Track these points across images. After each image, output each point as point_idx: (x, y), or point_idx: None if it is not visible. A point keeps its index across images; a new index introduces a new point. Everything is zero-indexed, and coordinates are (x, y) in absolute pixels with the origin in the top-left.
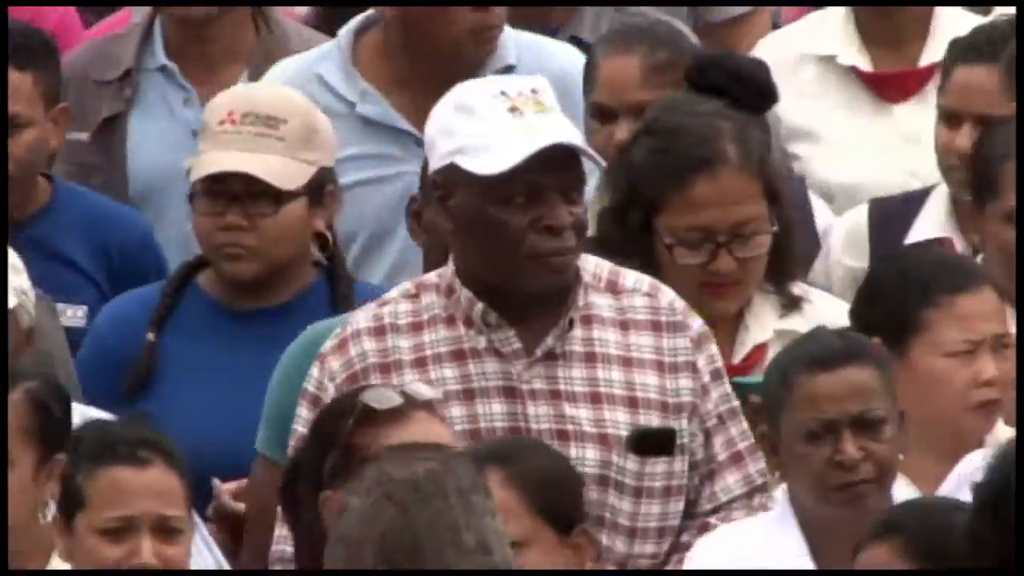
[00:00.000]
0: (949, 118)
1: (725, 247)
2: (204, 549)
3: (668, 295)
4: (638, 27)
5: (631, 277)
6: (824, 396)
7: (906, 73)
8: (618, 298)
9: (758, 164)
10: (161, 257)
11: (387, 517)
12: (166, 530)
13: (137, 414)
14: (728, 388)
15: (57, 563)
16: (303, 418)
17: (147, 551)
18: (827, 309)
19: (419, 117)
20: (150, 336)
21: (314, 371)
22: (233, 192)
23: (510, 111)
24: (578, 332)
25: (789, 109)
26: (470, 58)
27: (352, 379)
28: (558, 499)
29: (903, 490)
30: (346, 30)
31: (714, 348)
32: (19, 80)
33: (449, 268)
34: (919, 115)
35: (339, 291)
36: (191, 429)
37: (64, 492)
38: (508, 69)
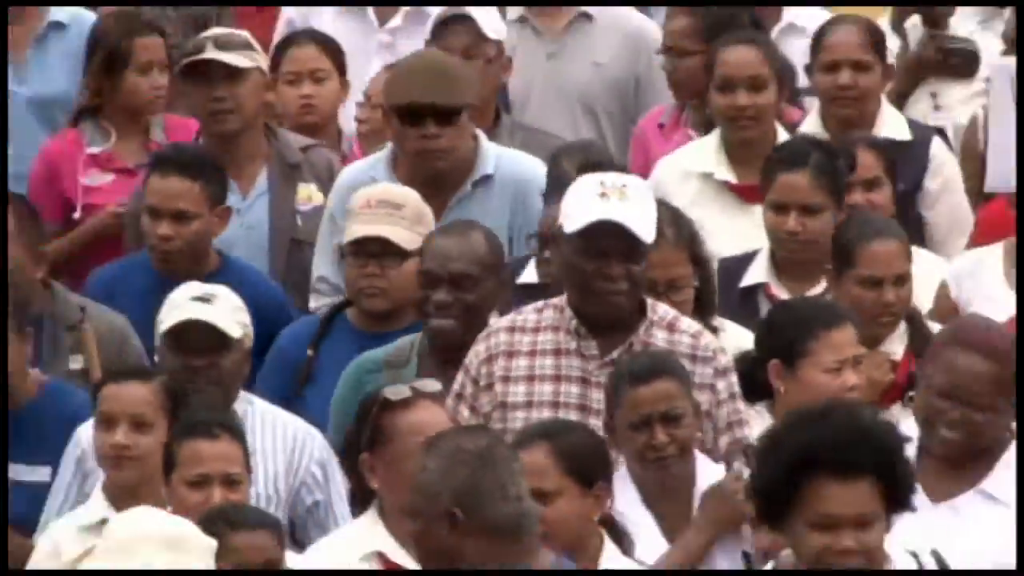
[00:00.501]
0: (777, 208)
1: (664, 295)
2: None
3: (707, 338)
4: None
5: (686, 322)
6: (641, 401)
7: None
8: (671, 334)
9: (688, 239)
10: (290, 317)
11: (460, 475)
12: (230, 482)
13: (214, 402)
14: (740, 405)
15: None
16: (459, 383)
17: (217, 497)
18: (735, 335)
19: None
20: (309, 352)
21: (469, 353)
22: (371, 251)
23: (600, 196)
24: (638, 351)
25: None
26: (443, 173)
27: (488, 360)
28: (584, 464)
29: None
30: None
31: (733, 377)
32: (189, 187)
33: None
34: None
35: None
36: None
37: (164, 456)
38: (486, 178)
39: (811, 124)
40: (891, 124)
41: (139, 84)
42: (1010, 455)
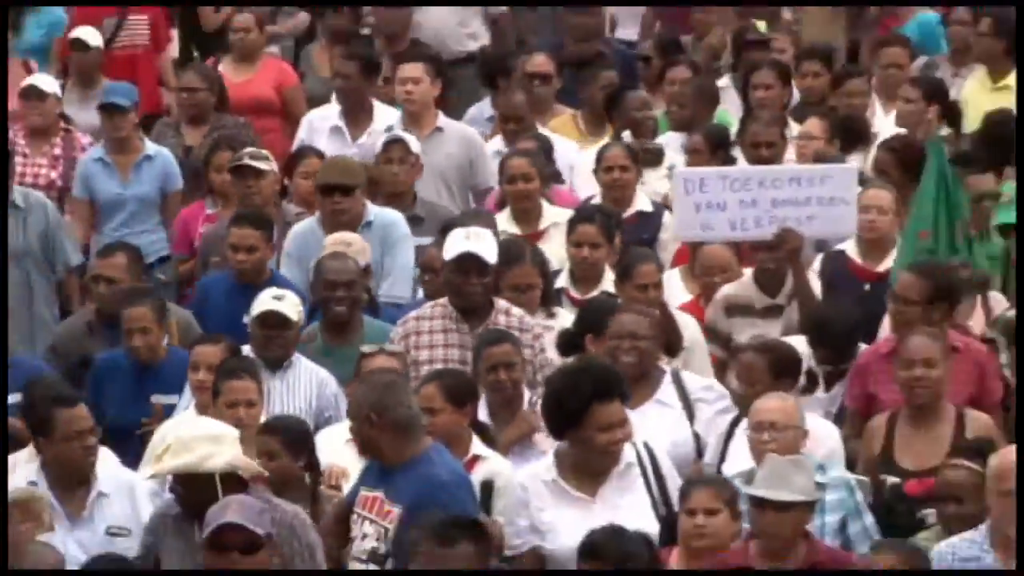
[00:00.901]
0: (576, 244)
1: (523, 294)
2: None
3: (527, 319)
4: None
5: (515, 311)
6: (491, 356)
7: None
8: (508, 318)
9: (538, 263)
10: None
11: (374, 394)
12: (249, 404)
13: (278, 357)
14: (550, 356)
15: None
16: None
17: (242, 413)
18: (565, 318)
19: None
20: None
21: (393, 333)
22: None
23: (465, 238)
24: (490, 328)
25: None
26: (345, 225)
27: (405, 337)
28: (458, 393)
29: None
30: None
31: (546, 340)
32: (253, 232)
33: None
34: None
35: None
36: None
37: (213, 388)
38: (368, 223)
39: (599, 198)
40: (640, 201)
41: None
42: (668, 378)
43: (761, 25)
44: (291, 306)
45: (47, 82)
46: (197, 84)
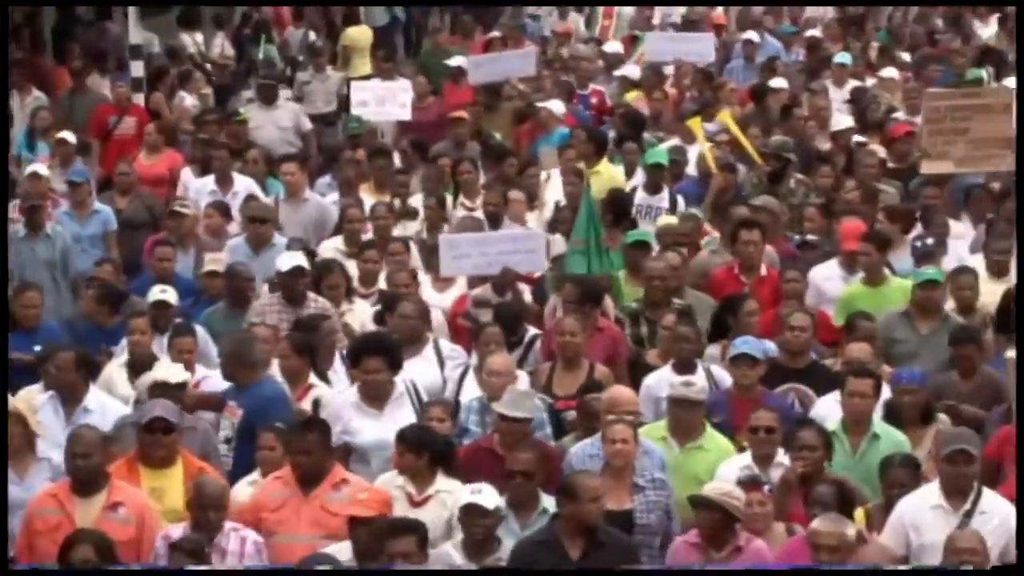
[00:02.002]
0: None
1: None
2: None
3: None
4: None
5: None
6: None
7: None
8: None
9: None
10: None
11: (234, 344)
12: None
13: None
14: None
15: None
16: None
17: None
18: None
19: None
20: None
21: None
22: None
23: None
24: None
25: None
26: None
27: (260, 314)
28: (301, 347)
29: None
30: None
31: None
32: (171, 252)
33: None
34: None
35: None
36: None
37: None
38: (273, 245)
39: None
40: None
41: None
42: (431, 344)
43: None
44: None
45: (42, 169)
46: (127, 171)
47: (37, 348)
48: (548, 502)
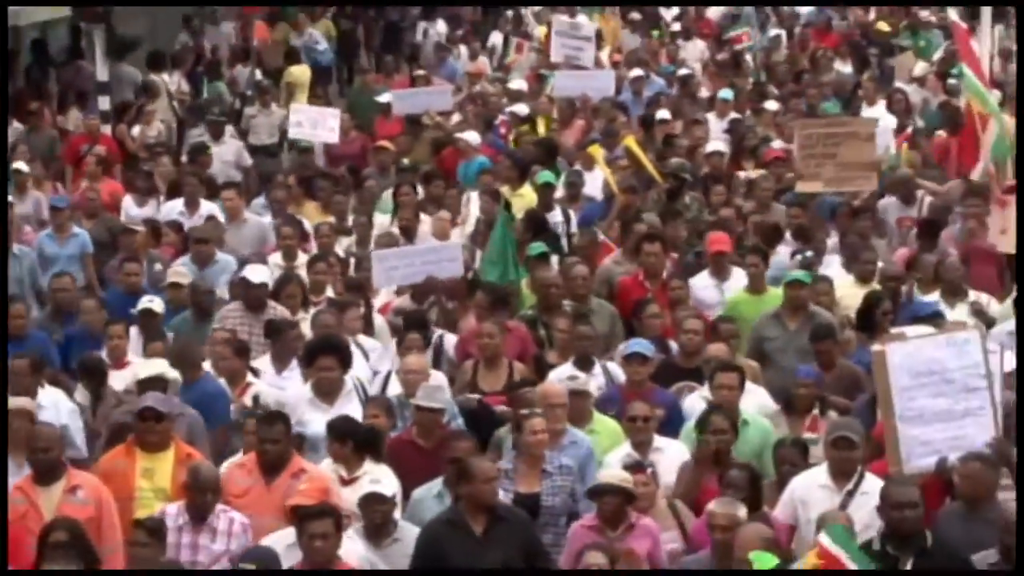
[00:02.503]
0: None
1: None
2: None
3: None
4: None
5: None
6: None
7: None
8: None
9: None
10: None
11: (179, 346)
12: None
13: None
14: None
15: None
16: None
17: None
18: None
19: None
20: None
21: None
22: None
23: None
24: None
25: None
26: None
27: (222, 320)
28: (241, 350)
29: None
30: None
31: None
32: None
33: None
34: None
35: None
36: None
37: None
38: (217, 261)
39: None
40: None
41: None
42: None
43: None
44: None
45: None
46: (94, 196)
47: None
48: None
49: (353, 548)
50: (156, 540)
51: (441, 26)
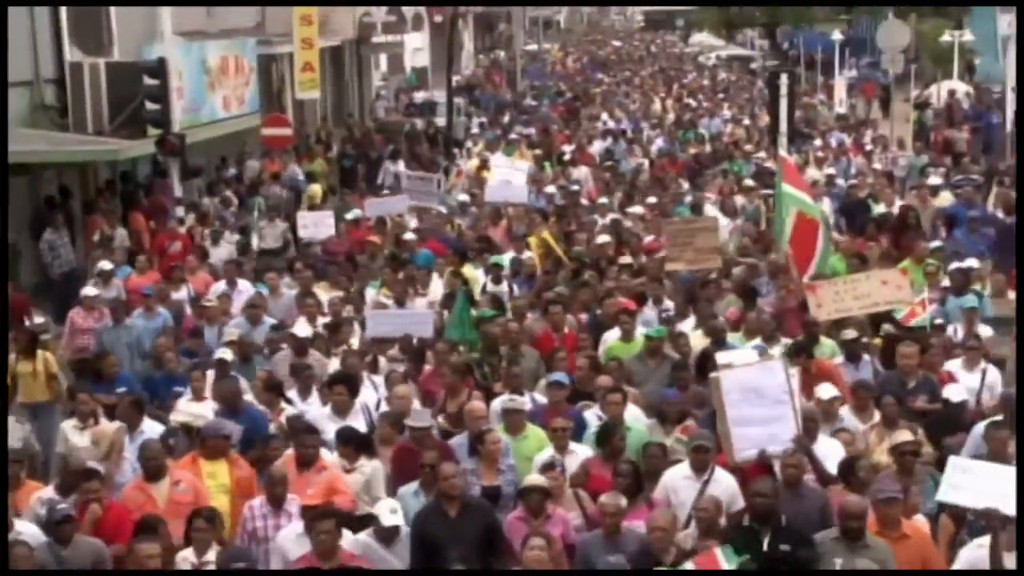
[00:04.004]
0: None
1: None
2: None
3: None
4: None
5: None
6: None
7: None
8: None
9: None
10: None
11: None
12: None
13: None
14: None
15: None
16: None
17: None
18: None
19: None
20: None
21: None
22: None
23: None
24: None
25: None
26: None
27: None
28: (276, 383)
29: None
30: None
31: None
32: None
33: None
34: None
35: None
36: None
37: None
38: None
39: None
40: None
41: None
42: None
43: None
44: None
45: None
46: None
47: (120, 390)
48: None
49: (352, 538)
50: (211, 526)
51: (401, 165)
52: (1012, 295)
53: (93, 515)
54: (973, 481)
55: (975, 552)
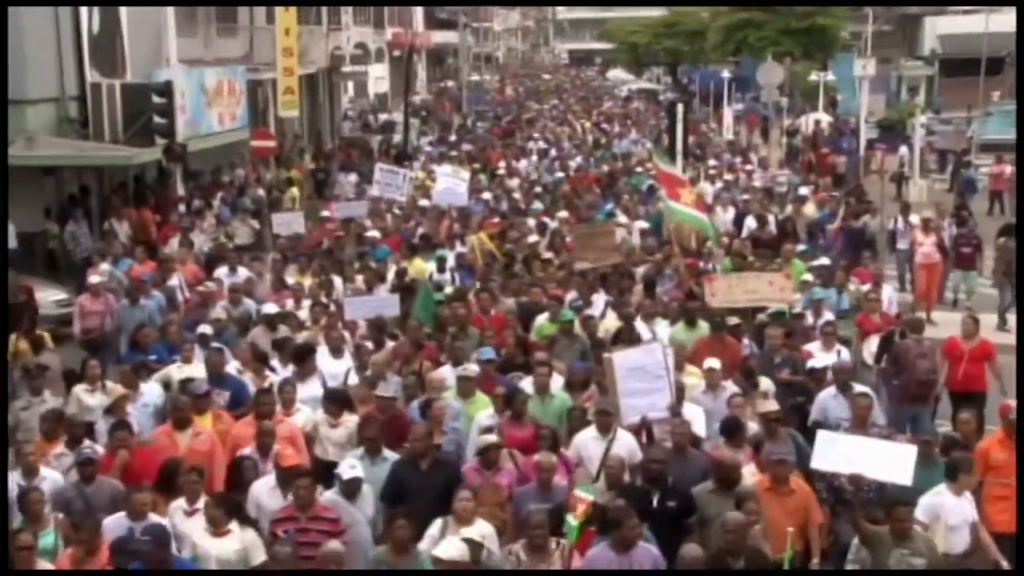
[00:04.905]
0: None
1: None
2: None
3: None
4: None
5: None
6: None
7: None
8: None
9: None
10: None
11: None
12: None
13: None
14: None
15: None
16: None
17: None
18: None
19: None
20: None
21: None
22: None
23: None
24: None
25: None
26: None
27: None
28: (263, 354)
29: None
30: None
31: None
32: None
33: None
34: None
35: None
36: None
37: None
38: None
39: None
40: None
41: None
42: None
43: None
44: None
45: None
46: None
47: (152, 357)
48: (388, 453)
49: (326, 495)
50: (201, 479)
51: (352, 177)
52: (852, 287)
53: (122, 459)
54: (840, 451)
55: (933, 499)
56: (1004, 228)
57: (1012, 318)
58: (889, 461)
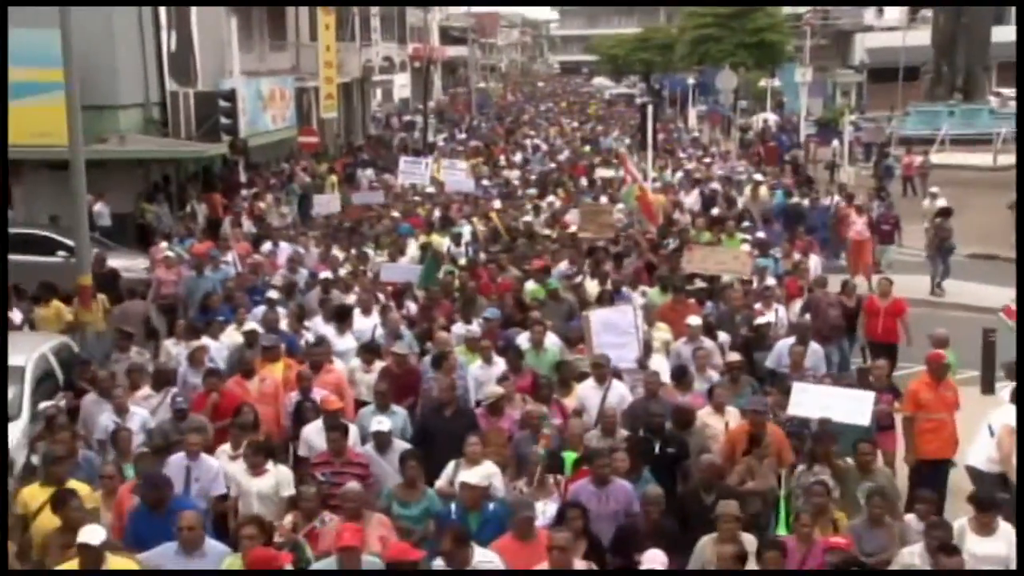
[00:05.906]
0: None
1: None
2: None
3: None
4: None
5: None
6: None
7: None
8: None
9: None
10: None
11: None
12: None
13: None
14: None
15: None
16: None
17: None
18: None
19: None
20: None
21: None
22: None
23: None
24: None
25: None
26: None
27: None
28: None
29: None
30: None
31: None
32: None
33: None
34: None
35: None
36: None
37: None
38: None
39: None
40: None
41: None
42: None
43: None
44: None
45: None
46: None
47: (220, 318)
48: (395, 407)
49: (359, 449)
50: (244, 432)
51: (370, 172)
52: (796, 256)
53: (212, 401)
54: (812, 399)
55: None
56: (941, 211)
57: (947, 285)
58: (852, 407)
